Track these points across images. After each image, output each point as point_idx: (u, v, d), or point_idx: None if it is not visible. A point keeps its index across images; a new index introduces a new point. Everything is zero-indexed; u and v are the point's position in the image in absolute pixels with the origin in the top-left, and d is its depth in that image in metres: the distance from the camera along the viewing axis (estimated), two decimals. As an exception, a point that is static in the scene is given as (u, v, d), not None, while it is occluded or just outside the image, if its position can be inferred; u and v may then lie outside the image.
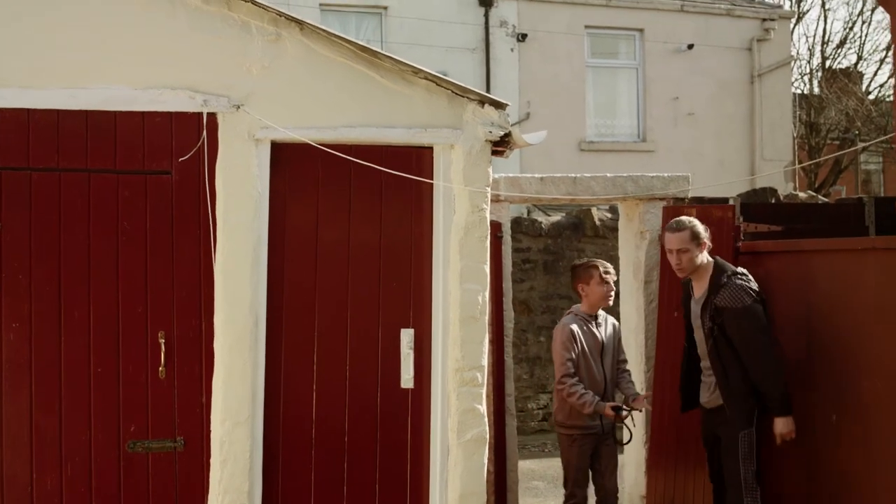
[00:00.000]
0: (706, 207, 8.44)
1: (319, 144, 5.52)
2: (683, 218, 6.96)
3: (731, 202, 8.41)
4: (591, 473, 7.84)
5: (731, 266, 6.86)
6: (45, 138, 5.32)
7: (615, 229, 12.79)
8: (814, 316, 7.29)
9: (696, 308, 6.91)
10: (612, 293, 7.75)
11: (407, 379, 5.77)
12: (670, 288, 8.69)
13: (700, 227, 6.84)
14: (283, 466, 5.64)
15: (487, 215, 5.73)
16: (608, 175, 8.80)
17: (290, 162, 5.62)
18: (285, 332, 5.64)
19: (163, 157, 5.43)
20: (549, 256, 13.22)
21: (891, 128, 24.92)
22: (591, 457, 7.76)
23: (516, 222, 12.83)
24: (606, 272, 7.73)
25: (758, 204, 10.03)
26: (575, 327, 7.62)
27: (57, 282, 5.34)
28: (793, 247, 7.56)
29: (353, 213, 5.72)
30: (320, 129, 5.56)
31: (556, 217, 13.43)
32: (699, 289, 6.88)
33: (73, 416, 5.37)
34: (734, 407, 6.67)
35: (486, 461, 5.81)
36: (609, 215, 13.44)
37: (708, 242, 6.88)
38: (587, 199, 8.93)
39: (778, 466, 7.65)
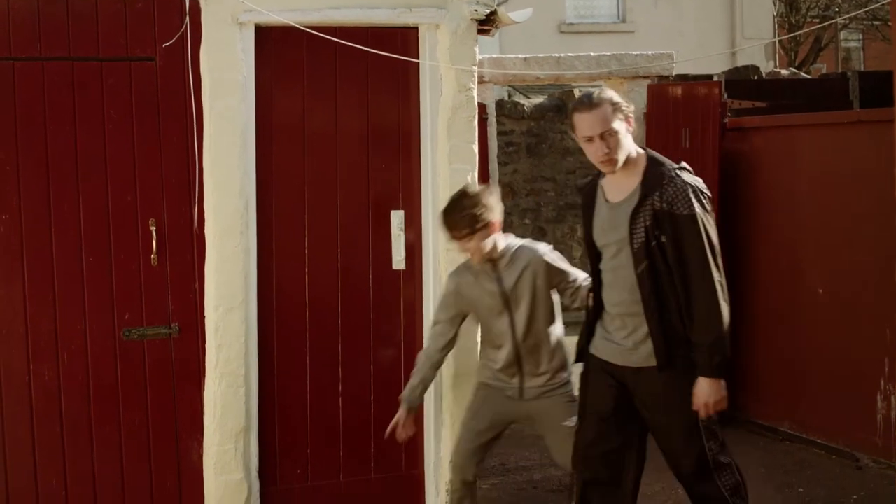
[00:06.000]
0: (692, 84, 8.43)
1: (304, 27, 5.45)
2: (593, 90, 4.86)
3: (715, 79, 8.40)
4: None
5: (667, 159, 4.82)
6: (26, 27, 5.22)
7: (598, 110, 12.73)
8: (800, 190, 7.35)
9: (614, 218, 4.76)
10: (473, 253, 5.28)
11: (398, 260, 5.79)
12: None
13: (618, 97, 4.76)
14: (278, 350, 5.69)
15: (475, 95, 5.70)
16: (592, 54, 8.77)
17: (275, 46, 5.55)
18: (276, 216, 5.63)
19: (146, 44, 5.35)
20: (533, 139, 13.19)
21: (872, 3, 24.76)
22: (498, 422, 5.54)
23: (499, 105, 12.75)
24: (445, 224, 5.30)
25: (742, 80, 10.01)
26: (452, 285, 5.44)
27: (45, 171, 5.29)
28: (780, 122, 7.59)
29: (340, 96, 5.69)
30: (304, 11, 5.48)
31: (539, 99, 13.37)
32: (622, 189, 4.76)
33: (67, 306, 5.37)
34: (677, 359, 4.68)
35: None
36: (592, 96, 13.39)
37: (632, 120, 4.78)
38: (571, 78, 8.92)
39: (757, 339, 7.77)
